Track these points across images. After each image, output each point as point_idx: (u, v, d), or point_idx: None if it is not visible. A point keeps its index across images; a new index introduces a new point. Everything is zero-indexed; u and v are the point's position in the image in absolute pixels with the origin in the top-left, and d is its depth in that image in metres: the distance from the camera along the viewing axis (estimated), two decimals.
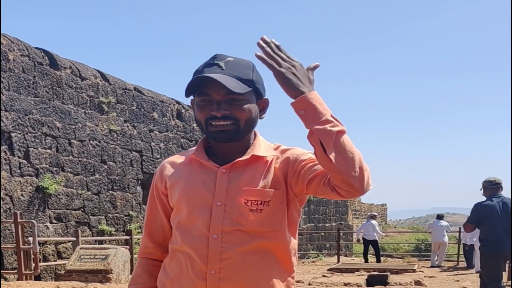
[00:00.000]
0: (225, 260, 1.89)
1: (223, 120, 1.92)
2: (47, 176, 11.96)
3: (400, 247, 32.01)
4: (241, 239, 1.91)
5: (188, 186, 1.99)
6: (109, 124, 14.17)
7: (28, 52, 11.86)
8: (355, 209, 41.42)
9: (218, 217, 1.92)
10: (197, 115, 1.98)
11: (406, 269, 14.59)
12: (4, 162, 10.96)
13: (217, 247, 1.89)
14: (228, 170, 1.98)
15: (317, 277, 13.01)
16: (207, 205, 1.94)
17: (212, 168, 1.99)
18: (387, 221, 58.31)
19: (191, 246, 1.92)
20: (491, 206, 7.78)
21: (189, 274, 1.92)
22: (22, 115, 11.46)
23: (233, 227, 1.91)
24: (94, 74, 14.02)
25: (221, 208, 1.92)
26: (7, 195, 10.98)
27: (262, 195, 1.94)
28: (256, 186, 1.95)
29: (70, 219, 12.75)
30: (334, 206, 33.52)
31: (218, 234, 1.90)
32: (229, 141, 1.97)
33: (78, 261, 9.07)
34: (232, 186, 1.95)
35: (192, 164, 2.04)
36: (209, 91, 1.91)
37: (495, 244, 7.68)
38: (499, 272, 7.93)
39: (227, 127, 1.93)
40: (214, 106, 1.92)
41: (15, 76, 11.35)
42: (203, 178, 1.98)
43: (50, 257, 11.96)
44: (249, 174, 1.98)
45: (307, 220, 29.01)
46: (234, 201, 1.93)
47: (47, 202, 12.07)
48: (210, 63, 1.96)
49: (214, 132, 1.95)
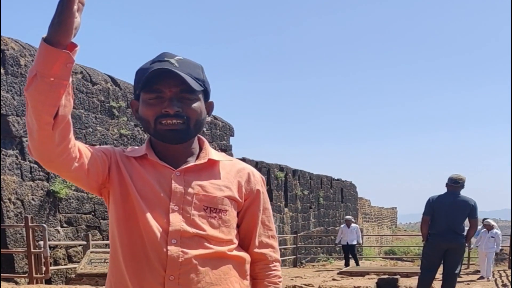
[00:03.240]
0: (185, 266, 1.83)
1: (175, 118, 1.85)
2: (58, 180, 12.03)
3: (411, 250, 31.96)
4: (200, 245, 1.87)
5: (142, 185, 1.89)
6: (120, 129, 14.23)
7: None
8: (365, 213, 41.33)
9: (177, 221, 1.85)
10: (144, 113, 1.88)
11: (416, 272, 14.54)
12: (15, 166, 11.04)
13: (177, 252, 1.83)
14: (183, 173, 1.92)
15: (327, 280, 13.01)
16: (164, 208, 1.87)
17: (166, 170, 1.92)
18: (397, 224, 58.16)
19: (149, 249, 1.84)
20: (442, 201, 8.24)
21: (147, 277, 1.84)
22: None
23: (192, 233, 1.86)
24: (105, 79, 14.09)
25: (178, 213, 1.87)
26: (18, 199, 11.06)
27: (221, 203, 1.94)
28: (215, 193, 1.94)
29: (80, 223, 12.81)
30: (344, 210, 33.48)
31: (177, 239, 1.84)
32: (178, 141, 1.91)
33: (88, 265, 9.12)
34: (189, 190, 1.90)
35: (144, 163, 1.94)
36: (161, 87, 1.84)
37: (437, 237, 8.22)
38: (434, 262, 8.48)
39: (178, 126, 1.86)
40: (166, 103, 1.84)
41: (26, 82, 11.42)
42: (158, 179, 1.90)
43: (60, 261, 12.01)
44: (206, 180, 1.95)
45: (317, 224, 28.99)
46: (193, 207, 1.89)
47: (58, 206, 12.14)
48: (160, 60, 1.88)
49: (164, 131, 1.86)
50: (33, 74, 1.58)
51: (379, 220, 46.80)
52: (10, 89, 11.03)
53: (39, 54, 1.58)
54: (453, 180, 8.27)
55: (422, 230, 8.55)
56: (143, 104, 1.88)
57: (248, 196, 2.04)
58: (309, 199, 28.13)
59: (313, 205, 28.71)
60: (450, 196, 8.25)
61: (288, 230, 25.22)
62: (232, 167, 2.04)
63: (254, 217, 2.05)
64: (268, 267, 2.08)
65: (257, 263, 2.06)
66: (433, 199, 8.33)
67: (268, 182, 23.82)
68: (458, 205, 8.13)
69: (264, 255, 2.07)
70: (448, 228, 8.12)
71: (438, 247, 8.27)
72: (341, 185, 34.11)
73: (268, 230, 2.10)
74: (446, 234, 8.13)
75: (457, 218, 8.18)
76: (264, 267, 2.07)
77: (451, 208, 8.13)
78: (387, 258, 27.95)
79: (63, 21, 1.54)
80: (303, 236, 26.35)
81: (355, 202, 37.56)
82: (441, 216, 8.16)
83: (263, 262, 2.07)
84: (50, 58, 1.57)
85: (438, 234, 8.20)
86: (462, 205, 8.12)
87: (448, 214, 8.12)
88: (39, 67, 1.57)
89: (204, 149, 2.01)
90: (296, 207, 26.64)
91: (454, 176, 8.31)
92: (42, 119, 1.62)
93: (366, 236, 37.78)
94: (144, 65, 1.91)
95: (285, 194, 25.42)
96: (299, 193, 26.76)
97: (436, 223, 8.23)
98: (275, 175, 24.36)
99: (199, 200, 1.90)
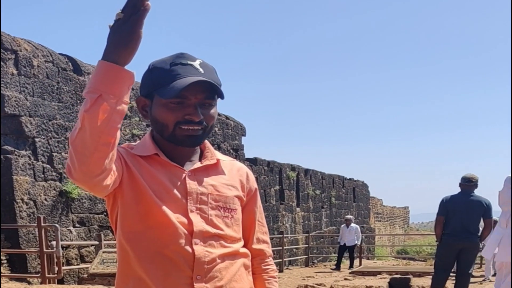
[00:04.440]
0: (210, 266, 1.86)
1: (197, 125, 1.85)
2: (70, 181, 12.05)
3: (423, 249, 31.91)
4: (220, 245, 1.90)
5: (156, 185, 1.87)
6: (132, 129, 14.27)
7: (52, 58, 12.01)
8: (377, 212, 41.23)
9: (198, 222, 1.87)
10: (162, 116, 1.85)
11: (429, 272, 14.50)
12: (28, 167, 11.09)
13: (202, 252, 1.85)
14: (193, 173, 1.93)
15: (339, 280, 12.98)
16: (182, 208, 1.87)
17: (177, 170, 1.91)
18: (410, 223, 57.98)
19: (173, 251, 1.83)
20: (455, 201, 8.21)
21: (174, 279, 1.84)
22: (46, 121, 11.60)
23: (213, 233, 1.89)
24: None
25: (197, 213, 1.89)
26: (31, 200, 11.12)
27: (232, 202, 1.98)
28: (227, 193, 1.97)
29: (93, 223, 12.86)
30: (356, 209, 33.42)
31: (200, 239, 1.86)
32: (194, 146, 1.93)
33: (100, 265, 9.15)
34: (203, 190, 1.92)
35: (151, 162, 1.91)
36: (187, 93, 1.81)
37: (451, 237, 8.19)
38: (448, 262, 8.46)
39: (196, 132, 1.87)
40: (190, 109, 1.83)
41: (39, 82, 11.49)
42: (171, 179, 1.90)
43: (73, 261, 12.06)
44: (215, 179, 1.98)
45: (329, 223, 28.97)
46: (209, 207, 1.91)
47: (70, 206, 12.20)
48: (182, 63, 1.86)
49: (183, 137, 1.86)
50: (98, 94, 1.55)
51: (391, 219, 46.68)
52: (23, 90, 11.08)
53: (104, 74, 1.57)
54: (466, 179, 8.24)
55: (436, 230, 8.52)
56: (161, 107, 1.85)
57: (248, 194, 2.08)
58: (321, 198, 28.10)
59: (325, 204, 28.68)
60: (463, 195, 8.21)
61: (300, 229, 25.21)
62: (232, 166, 2.07)
63: (252, 215, 2.11)
64: (265, 261, 2.14)
65: (255, 259, 2.11)
66: (447, 199, 8.30)
67: (280, 182, 23.81)
68: (471, 204, 8.09)
69: (262, 251, 2.13)
70: (462, 228, 8.09)
71: (452, 247, 8.24)
72: (353, 185, 34.06)
73: (262, 227, 2.15)
74: (460, 234, 8.10)
75: (471, 218, 8.15)
76: (261, 262, 2.13)
77: (464, 207, 8.10)
78: (399, 257, 27.88)
79: (132, 41, 1.55)
80: (315, 235, 26.31)
81: (367, 201, 37.48)
82: (455, 216, 8.12)
83: (260, 258, 2.13)
84: (118, 78, 1.57)
85: (452, 234, 8.17)
86: (476, 205, 8.07)
87: (461, 213, 8.09)
88: (105, 88, 1.56)
89: (208, 149, 2.02)
90: (308, 207, 26.62)
91: (467, 175, 8.28)
92: (101, 140, 1.59)
93: (378, 235, 37.71)
94: (161, 64, 1.87)
95: (297, 194, 25.41)
96: (311, 192, 26.74)
97: (450, 223, 8.20)
98: (287, 175, 24.35)
99: (213, 200, 1.93)
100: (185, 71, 1.83)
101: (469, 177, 8.25)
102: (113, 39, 1.56)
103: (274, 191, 22.89)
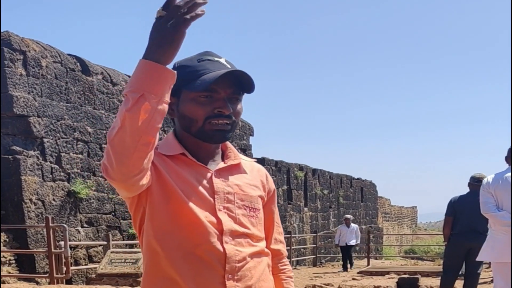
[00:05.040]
0: (240, 264, 1.86)
1: (226, 119, 1.85)
2: (78, 181, 12.12)
3: (431, 249, 31.86)
4: (248, 244, 1.91)
5: (184, 185, 1.86)
6: None
7: (61, 59, 12.04)
8: (385, 212, 41.17)
9: (227, 221, 1.88)
10: (192, 111, 1.85)
11: (437, 272, 14.46)
12: (36, 167, 11.13)
13: (233, 251, 1.85)
14: (218, 173, 1.94)
15: (347, 280, 12.96)
16: (210, 208, 1.87)
17: (203, 170, 1.92)
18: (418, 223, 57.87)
19: (205, 249, 1.83)
20: (463, 201, 8.17)
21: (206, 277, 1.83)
22: (54, 121, 11.63)
23: (241, 232, 1.89)
24: (125, 80, 14.13)
25: (225, 212, 1.89)
26: (39, 200, 11.15)
27: (256, 202, 1.99)
28: (251, 193, 1.98)
29: (101, 223, 12.89)
30: (364, 209, 33.39)
31: (230, 238, 1.86)
32: (221, 142, 1.93)
33: (108, 265, 9.18)
34: (230, 190, 1.93)
35: (177, 162, 1.90)
36: (217, 87, 1.82)
37: (459, 237, 8.14)
38: (456, 262, 8.39)
39: (225, 127, 1.87)
40: (219, 103, 1.84)
41: (47, 83, 11.53)
42: (197, 179, 1.89)
43: (81, 261, 12.10)
44: (239, 179, 1.99)
45: (336, 223, 28.93)
46: (236, 206, 1.92)
47: (79, 206, 12.23)
48: (210, 59, 1.88)
49: (212, 131, 1.86)
50: (140, 94, 1.55)
51: (399, 219, 46.60)
52: (31, 90, 11.12)
53: (146, 73, 1.56)
54: (475, 179, 8.21)
55: (444, 230, 8.50)
56: (191, 102, 1.85)
57: (267, 194, 2.09)
58: (328, 198, 28.08)
59: (332, 204, 28.67)
60: (472, 195, 8.17)
61: (308, 229, 25.20)
62: (252, 166, 2.08)
63: (271, 215, 2.12)
64: (281, 261, 2.15)
65: (273, 258, 2.11)
66: (455, 199, 8.29)
67: (288, 182, 23.80)
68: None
69: (279, 251, 2.15)
70: (470, 228, 8.07)
71: (460, 247, 8.22)
72: (361, 184, 34.02)
73: (278, 227, 2.16)
74: (468, 234, 8.08)
75: (479, 218, 8.09)
76: (278, 262, 2.14)
77: (473, 207, 8.06)
78: (407, 257, 27.83)
79: (176, 40, 1.55)
80: (323, 235, 26.30)
81: (375, 201, 37.42)
82: (463, 216, 8.10)
83: (277, 257, 2.14)
84: (161, 78, 1.57)
85: (460, 234, 8.15)
86: None
87: (470, 213, 8.06)
88: (147, 87, 1.56)
89: (230, 149, 2.03)
90: (316, 207, 26.60)
91: (476, 175, 8.25)
92: (141, 140, 1.59)
93: (386, 235, 37.66)
94: (187, 62, 1.88)
95: (305, 194, 25.40)
96: (318, 192, 26.72)
97: (458, 223, 8.18)
98: (294, 175, 24.34)
99: (240, 199, 1.94)
100: (213, 66, 1.84)
101: (478, 177, 8.22)
102: (156, 38, 1.55)
103: (282, 191, 22.88)
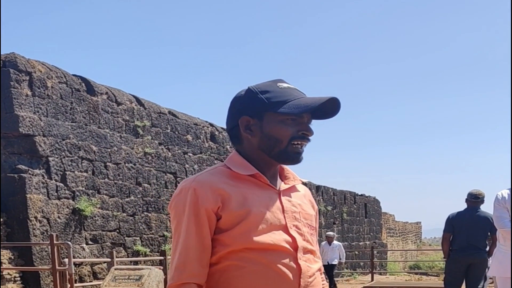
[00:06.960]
0: (311, 279, 1.99)
1: (307, 141, 1.99)
2: (83, 199, 12.23)
3: (436, 265, 31.78)
4: (314, 260, 2.04)
5: (257, 204, 1.95)
6: (144, 147, 14.42)
7: (66, 79, 12.22)
8: (389, 227, 41.08)
9: (299, 239, 1.98)
10: (279, 132, 1.95)
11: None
12: (41, 185, 11.28)
13: (305, 267, 1.97)
14: (283, 193, 2.05)
15: None
16: (282, 226, 1.96)
17: (271, 190, 2.02)
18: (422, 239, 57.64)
19: (282, 266, 1.92)
20: (461, 217, 8.27)
21: None
22: (59, 140, 11.79)
23: (310, 249, 2.02)
24: (130, 99, 14.31)
25: (295, 230, 1.99)
26: (44, 217, 11.28)
27: (314, 220, 2.13)
28: (311, 212, 2.12)
29: (105, 240, 13.00)
30: (368, 225, 33.34)
31: (302, 255, 1.97)
32: (297, 163, 2.03)
33: (112, 282, 9.27)
34: (295, 209, 2.04)
35: (246, 183, 1.99)
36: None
37: (458, 253, 8.22)
38: (457, 278, 8.45)
39: (302, 149, 2.00)
40: (303, 126, 1.97)
41: (53, 103, 11.70)
42: (270, 199, 1.99)
43: (86, 278, 12.18)
44: (298, 199, 2.10)
45: (341, 239, 28.90)
46: (302, 224, 2.03)
47: (83, 223, 12.34)
48: (290, 86, 2.00)
49: (294, 153, 1.98)
50: None
51: (404, 235, 46.47)
52: (37, 110, 11.30)
53: None
54: (473, 195, 8.29)
55: (443, 247, 8.57)
56: (279, 123, 1.94)
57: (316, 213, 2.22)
58: (332, 214, 28.12)
59: (336, 220, 28.68)
60: (469, 211, 8.26)
61: None
62: (300, 187, 2.19)
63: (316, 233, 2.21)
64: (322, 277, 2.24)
65: None
66: (453, 215, 8.36)
67: None
68: (478, 220, 8.13)
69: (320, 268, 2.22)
70: (469, 244, 8.13)
71: (460, 262, 8.27)
72: (364, 201, 33.99)
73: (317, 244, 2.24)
74: (468, 250, 8.14)
75: (478, 234, 8.19)
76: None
77: (471, 223, 8.15)
78: (412, 272, 27.80)
79: None
80: None
81: (379, 217, 37.37)
82: (461, 232, 8.17)
83: None
84: None
85: (460, 250, 8.20)
86: (482, 221, 8.11)
87: (468, 230, 8.14)
88: None
89: (287, 170, 2.14)
90: (320, 223, 26.61)
91: (474, 192, 8.33)
92: None
93: (391, 251, 37.58)
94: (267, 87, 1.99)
95: None
96: (322, 208, 26.78)
97: (457, 239, 8.25)
98: None
99: (304, 218, 2.06)
100: (297, 93, 1.98)
101: (475, 193, 8.31)
102: None
103: None
